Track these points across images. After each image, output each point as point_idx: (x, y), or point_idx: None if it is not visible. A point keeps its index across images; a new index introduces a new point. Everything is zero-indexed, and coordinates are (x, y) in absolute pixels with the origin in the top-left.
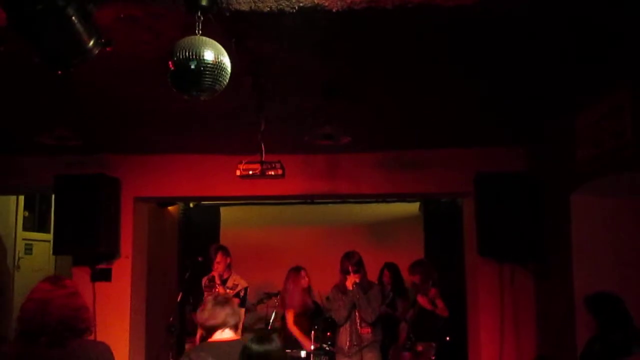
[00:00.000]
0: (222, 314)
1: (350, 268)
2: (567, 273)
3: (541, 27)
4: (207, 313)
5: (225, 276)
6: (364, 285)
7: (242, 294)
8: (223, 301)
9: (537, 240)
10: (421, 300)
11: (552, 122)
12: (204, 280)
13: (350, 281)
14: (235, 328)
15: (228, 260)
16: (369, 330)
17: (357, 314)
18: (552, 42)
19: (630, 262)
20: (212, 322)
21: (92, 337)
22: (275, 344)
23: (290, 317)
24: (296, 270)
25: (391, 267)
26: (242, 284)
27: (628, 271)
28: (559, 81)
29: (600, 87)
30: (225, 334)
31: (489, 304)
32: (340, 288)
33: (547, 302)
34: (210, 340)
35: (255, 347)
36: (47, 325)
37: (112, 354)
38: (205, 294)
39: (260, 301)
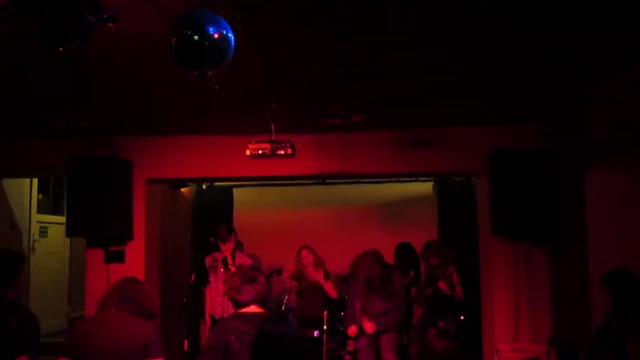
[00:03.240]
0: (251, 290)
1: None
2: (582, 251)
3: (555, 3)
4: (236, 289)
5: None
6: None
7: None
8: (251, 278)
9: (552, 218)
10: (442, 285)
11: (567, 98)
12: (208, 261)
13: (368, 327)
14: (262, 303)
15: (233, 238)
16: (384, 316)
17: (373, 298)
18: (568, 15)
19: None
20: (240, 297)
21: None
22: (291, 325)
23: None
24: (302, 247)
25: (402, 250)
26: (247, 261)
27: None
28: (575, 56)
29: (619, 63)
30: (251, 308)
31: (503, 283)
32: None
33: (562, 281)
34: (239, 311)
35: (270, 328)
36: (104, 295)
37: (158, 332)
38: (210, 274)
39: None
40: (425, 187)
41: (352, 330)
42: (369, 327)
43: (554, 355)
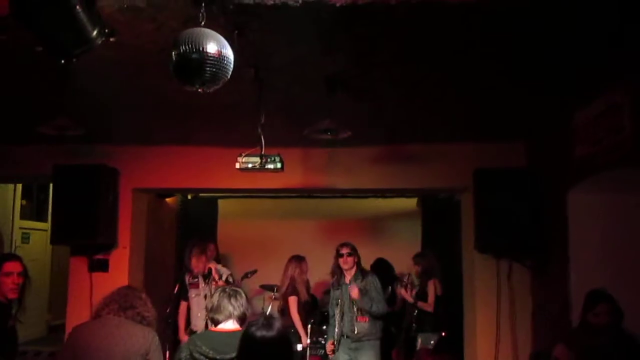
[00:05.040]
0: (229, 306)
1: (343, 251)
2: (564, 269)
3: (542, 25)
4: (214, 304)
5: (206, 270)
6: (358, 274)
7: (230, 279)
8: (231, 293)
9: (535, 236)
10: (403, 292)
11: (551, 118)
12: (188, 278)
13: (345, 260)
14: (239, 319)
15: (203, 258)
16: (366, 319)
17: (353, 303)
18: (552, 39)
19: (626, 259)
20: (216, 314)
21: None
22: (278, 329)
23: (294, 305)
24: (300, 259)
25: (378, 265)
26: (225, 271)
27: (624, 268)
28: (558, 78)
29: (600, 84)
30: (227, 325)
31: (486, 299)
32: (334, 282)
33: (543, 298)
34: (212, 329)
35: (257, 332)
36: (103, 302)
37: (157, 340)
38: (191, 289)
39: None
40: (409, 203)
41: (329, 347)
42: (355, 292)
43: None
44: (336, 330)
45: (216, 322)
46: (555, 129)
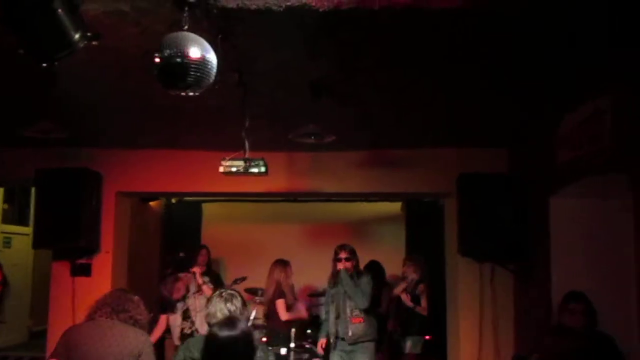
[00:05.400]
0: (225, 310)
1: (342, 255)
2: (546, 273)
3: (526, 32)
4: (211, 308)
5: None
6: (354, 274)
7: (210, 285)
8: (227, 297)
9: (517, 241)
10: (404, 297)
11: (534, 124)
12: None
13: (343, 265)
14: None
15: (181, 284)
16: (361, 320)
17: (347, 303)
18: (536, 47)
19: (608, 264)
20: (212, 318)
21: None
22: (242, 329)
23: (283, 306)
24: (285, 263)
25: (371, 267)
26: (205, 279)
27: (605, 272)
28: (541, 84)
29: (583, 91)
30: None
31: (469, 303)
32: (330, 280)
33: (526, 302)
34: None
35: (220, 332)
36: (96, 304)
37: (150, 343)
38: (179, 304)
39: (234, 282)
40: (394, 207)
41: (322, 342)
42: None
43: None
44: (331, 329)
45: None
46: (538, 135)
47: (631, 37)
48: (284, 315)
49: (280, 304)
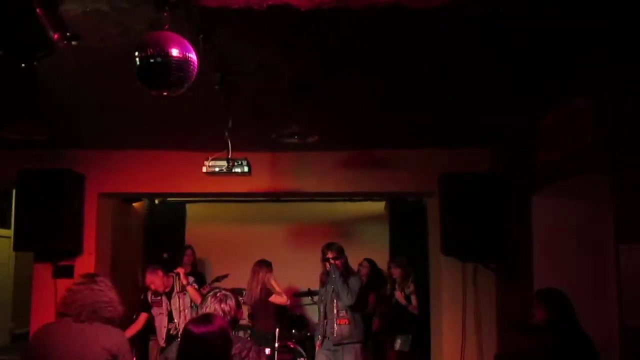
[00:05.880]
0: (220, 311)
1: (329, 255)
2: (528, 272)
3: (505, 32)
4: (205, 309)
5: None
6: (344, 272)
7: (195, 285)
8: (222, 298)
9: (499, 240)
10: (398, 295)
11: (515, 124)
12: (149, 296)
13: (330, 264)
14: (230, 324)
15: (164, 279)
16: (347, 321)
17: (335, 304)
18: (515, 46)
19: (587, 263)
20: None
21: None
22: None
23: (277, 299)
24: (268, 264)
25: (370, 262)
26: (190, 279)
27: (585, 271)
28: (522, 85)
29: (563, 92)
30: None
31: (452, 302)
32: (321, 280)
33: (508, 300)
34: None
35: (194, 329)
36: (72, 308)
37: (127, 342)
38: (154, 308)
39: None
40: (377, 207)
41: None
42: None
43: None
44: (320, 329)
45: None
46: (519, 134)
47: (610, 38)
48: (283, 300)
49: (276, 298)
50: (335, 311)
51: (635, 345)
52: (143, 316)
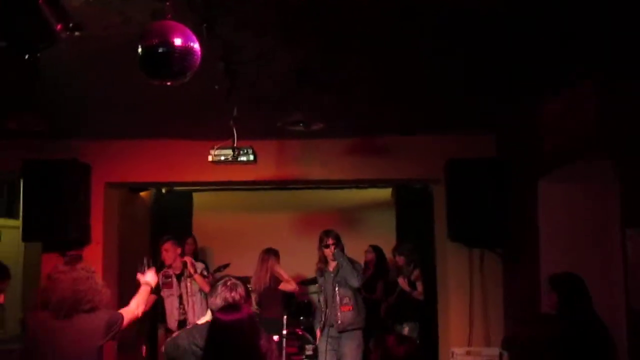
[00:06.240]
0: (230, 299)
1: (330, 242)
2: (534, 257)
3: (511, 16)
4: (216, 298)
5: (178, 264)
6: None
7: (205, 272)
8: (232, 286)
9: (505, 225)
10: (401, 282)
11: (521, 109)
12: (160, 278)
13: (331, 250)
14: None
15: (179, 250)
16: (350, 307)
17: (337, 291)
18: (521, 30)
19: (594, 247)
20: (215, 306)
21: None
22: (246, 313)
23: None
24: (276, 252)
25: (376, 249)
26: (199, 265)
27: (591, 256)
28: (528, 69)
29: (567, 77)
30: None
31: (459, 287)
32: (318, 268)
33: (514, 285)
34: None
35: (223, 317)
36: (52, 301)
37: (111, 315)
38: (164, 289)
39: (217, 269)
40: (384, 194)
41: (318, 334)
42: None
43: (506, 358)
44: (322, 318)
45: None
46: (525, 120)
47: (611, 23)
48: (293, 287)
49: (285, 286)
50: (338, 298)
51: None
52: (152, 297)
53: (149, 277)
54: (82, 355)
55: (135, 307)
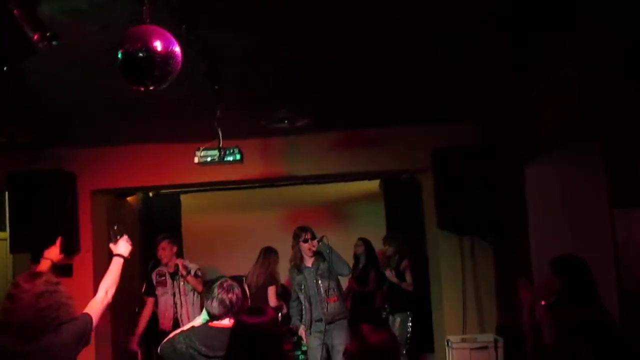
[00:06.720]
0: (226, 301)
1: (308, 236)
2: (525, 243)
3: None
4: (213, 300)
5: (174, 263)
6: (325, 268)
7: (199, 273)
8: (229, 287)
9: (495, 212)
10: (388, 274)
11: (505, 96)
12: (154, 276)
13: (313, 244)
14: (236, 315)
15: (175, 249)
16: (336, 298)
17: (320, 285)
18: (504, 15)
19: (584, 229)
20: (213, 309)
21: None
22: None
23: (274, 294)
24: (276, 252)
25: (365, 241)
26: (193, 266)
27: (581, 238)
28: (510, 55)
29: (550, 62)
30: (224, 321)
31: (451, 276)
32: (293, 265)
33: (506, 271)
34: (209, 325)
35: (249, 319)
36: (13, 324)
37: (78, 325)
38: (158, 288)
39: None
40: (372, 186)
41: (302, 332)
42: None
43: (501, 344)
44: (306, 316)
45: (213, 318)
46: (510, 106)
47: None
48: (274, 301)
49: (272, 290)
50: (323, 292)
51: (633, 309)
52: (150, 301)
53: (121, 248)
54: None
55: (103, 295)
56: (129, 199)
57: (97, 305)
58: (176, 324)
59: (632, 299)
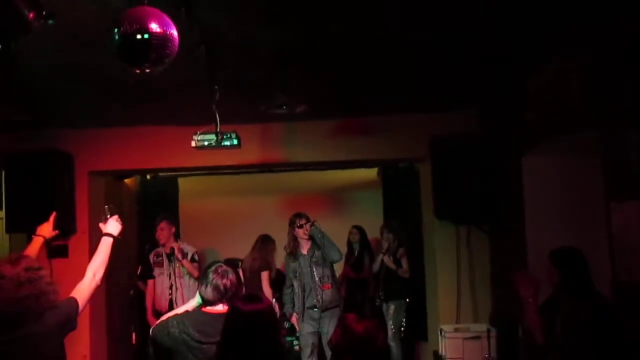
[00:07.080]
0: (220, 287)
1: (303, 221)
2: (520, 231)
3: None
4: (207, 285)
5: (170, 245)
6: (319, 255)
7: (196, 257)
8: (223, 273)
9: (491, 201)
10: (386, 260)
11: (504, 85)
12: (152, 257)
13: (307, 229)
14: (230, 301)
15: (173, 230)
16: (330, 286)
17: (314, 272)
18: (505, 3)
19: (580, 220)
20: (207, 295)
21: None
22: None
23: (267, 280)
24: (273, 240)
25: (360, 229)
26: (191, 249)
27: (577, 229)
28: (511, 43)
29: (549, 52)
30: (218, 307)
31: (446, 265)
32: (288, 251)
33: (501, 261)
34: (202, 310)
35: (244, 306)
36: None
37: (61, 308)
38: (155, 268)
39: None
40: (369, 173)
41: (294, 319)
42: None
43: (494, 334)
44: (298, 303)
45: (207, 303)
46: (508, 95)
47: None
48: (267, 288)
49: (265, 275)
50: (317, 279)
51: (627, 299)
52: (150, 283)
53: (111, 227)
54: None
55: (91, 278)
56: (126, 181)
57: (84, 288)
58: (171, 306)
59: (626, 290)
